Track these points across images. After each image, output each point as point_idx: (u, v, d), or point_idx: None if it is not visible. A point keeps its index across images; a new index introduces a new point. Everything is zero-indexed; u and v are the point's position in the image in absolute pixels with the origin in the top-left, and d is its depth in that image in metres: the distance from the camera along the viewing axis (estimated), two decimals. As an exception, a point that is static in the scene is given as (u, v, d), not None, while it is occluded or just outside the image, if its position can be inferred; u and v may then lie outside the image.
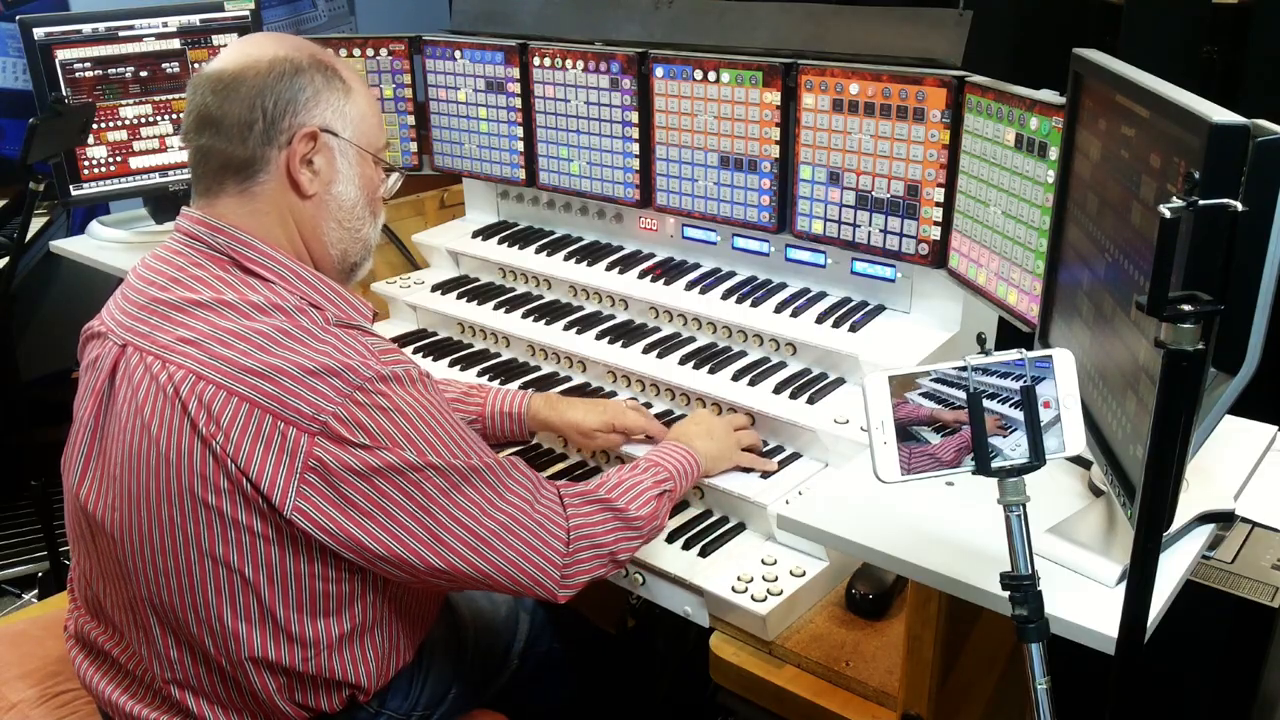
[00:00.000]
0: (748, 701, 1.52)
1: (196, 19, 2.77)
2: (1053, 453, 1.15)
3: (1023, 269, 1.70)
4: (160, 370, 1.30)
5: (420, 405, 1.32)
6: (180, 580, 1.32)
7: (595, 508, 1.46)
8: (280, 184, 1.37)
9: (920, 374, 1.22)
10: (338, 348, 1.29)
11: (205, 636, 1.35)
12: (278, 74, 1.35)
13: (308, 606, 1.35)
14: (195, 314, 1.32)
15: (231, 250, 1.35)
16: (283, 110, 1.35)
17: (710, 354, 2.04)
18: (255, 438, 1.25)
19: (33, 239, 3.00)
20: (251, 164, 1.36)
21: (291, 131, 1.36)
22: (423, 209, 2.92)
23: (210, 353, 1.28)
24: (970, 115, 1.80)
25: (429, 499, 1.31)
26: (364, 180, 1.45)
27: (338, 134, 1.40)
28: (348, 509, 1.28)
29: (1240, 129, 0.99)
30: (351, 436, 1.26)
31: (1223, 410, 1.17)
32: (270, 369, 1.26)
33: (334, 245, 1.44)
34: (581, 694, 1.84)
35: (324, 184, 1.40)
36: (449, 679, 1.61)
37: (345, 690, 1.44)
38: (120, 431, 1.33)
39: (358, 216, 1.46)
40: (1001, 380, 1.21)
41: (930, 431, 1.16)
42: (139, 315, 1.35)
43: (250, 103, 1.34)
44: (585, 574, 1.44)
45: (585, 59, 2.28)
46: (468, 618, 1.70)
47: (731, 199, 2.16)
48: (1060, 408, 1.19)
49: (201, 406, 1.26)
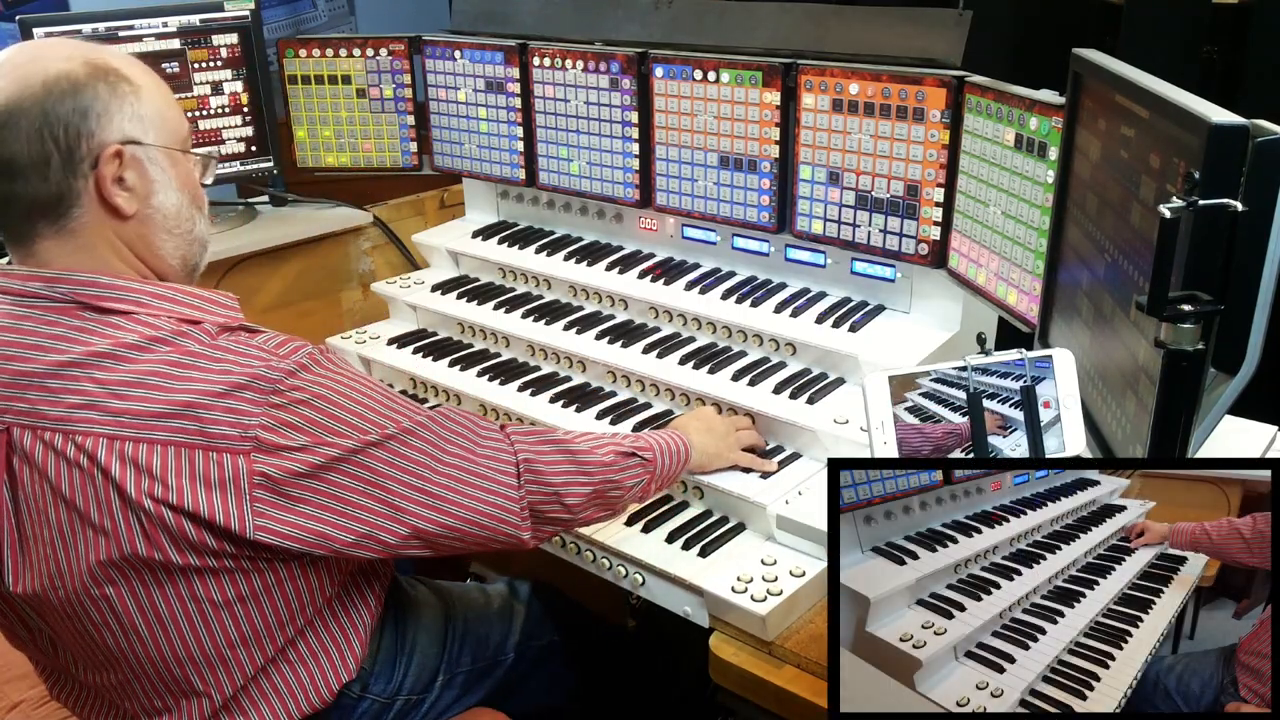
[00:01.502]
0: (748, 701, 1.52)
1: (196, 19, 2.77)
2: (1053, 453, 1.15)
3: (1022, 269, 1.70)
4: (65, 444, 1.21)
5: (335, 385, 1.29)
6: (153, 630, 1.29)
7: (547, 446, 1.45)
8: (96, 213, 1.26)
9: (920, 374, 1.22)
10: (235, 359, 1.24)
11: (192, 675, 1.33)
12: (58, 95, 1.21)
13: (280, 602, 1.33)
14: (75, 375, 1.22)
15: (77, 295, 1.24)
16: (75, 135, 1.21)
17: (710, 354, 2.04)
18: (193, 477, 1.20)
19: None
20: (60, 201, 1.23)
21: (93, 155, 1.23)
22: (423, 209, 2.93)
23: (112, 410, 1.20)
24: (970, 115, 1.80)
25: (377, 474, 1.29)
26: (181, 179, 1.33)
27: (141, 142, 1.27)
28: (305, 509, 1.26)
29: (1240, 129, 0.99)
30: (284, 441, 1.23)
31: (1223, 410, 1.17)
32: (180, 406, 1.20)
33: (172, 256, 1.34)
34: (583, 691, 1.83)
35: (142, 199, 1.28)
36: (434, 663, 1.60)
37: (332, 675, 1.43)
38: (40, 516, 1.24)
39: (186, 219, 1.35)
40: (1001, 380, 1.21)
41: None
42: (9, 395, 1.23)
43: (38, 136, 1.20)
44: (545, 515, 1.43)
45: (585, 59, 2.28)
46: (456, 603, 1.70)
47: (731, 199, 2.16)
48: (1060, 408, 1.19)
49: (126, 465, 1.20)
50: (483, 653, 1.69)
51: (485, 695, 1.69)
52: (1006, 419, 1.28)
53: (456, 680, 1.64)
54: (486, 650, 1.70)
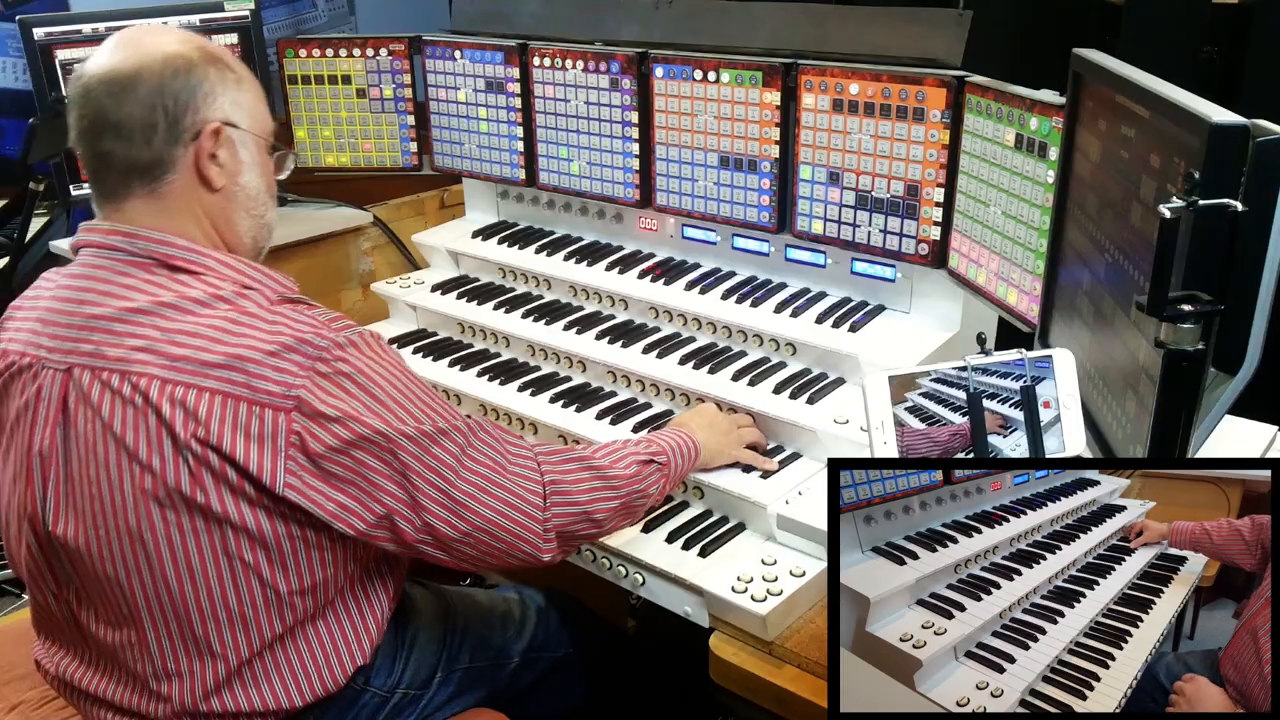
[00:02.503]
0: (748, 701, 1.52)
1: (196, 19, 2.77)
2: (1053, 453, 1.15)
3: (1023, 269, 1.70)
4: (121, 383, 1.29)
5: (380, 368, 1.34)
6: (182, 580, 1.33)
7: (572, 465, 1.48)
8: (189, 181, 1.37)
9: (920, 374, 1.22)
10: (289, 324, 1.31)
11: (212, 634, 1.36)
12: (173, 71, 1.33)
13: (305, 571, 1.37)
14: (141, 322, 1.31)
15: (153, 253, 1.34)
16: (184, 108, 1.34)
17: (710, 354, 2.04)
18: (235, 426, 1.27)
19: (33, 239, 2.99)
20: (158, 165, 1.35)
21: (196, 128, 1.35)
22: (423, 209, 2.93)
23: (170, 355, 1.28)
24: (970, 115, 1.80)
25: (404, 465, 1.33)
26: (263, 167, 1.46)
27: (237, 125, 1.40)
28: (332, 480, 1.30)
29: (1240, 129, 0.99)
30: (323, 409, 1.28)
31: (1223, 410, 1.17)
32: (232, 358, 1.27)
33: (245, 234, 1.45)
34: (591, 702, 1.84)
35: (231, 176, 1.40)
36: (433, 660, 1.62)
37: (347, 657, 1.46)
38: (90, 454, 1.31)
39: (262, 203, 1.47)
40: (1001, 380, 1.21)
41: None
42: (76, 336, 1.33)
43: (150, 103, 1.32)
44: (570, 533, 1.46)
45: (585, 59, 2.28)
46: (456, 603, 1.71)
47: (731, 199, 2.16)
48: (1060, 408, 1.19)
49: (176, 406, 1.27)
50: (483, 654, 1.69)
51: (486, 696, 1.69)
52: (1006, 419, 1.28)
53: (454, 678, 1.65)
54: (487, 652, 1.70)
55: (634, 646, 2.01)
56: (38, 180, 2.60)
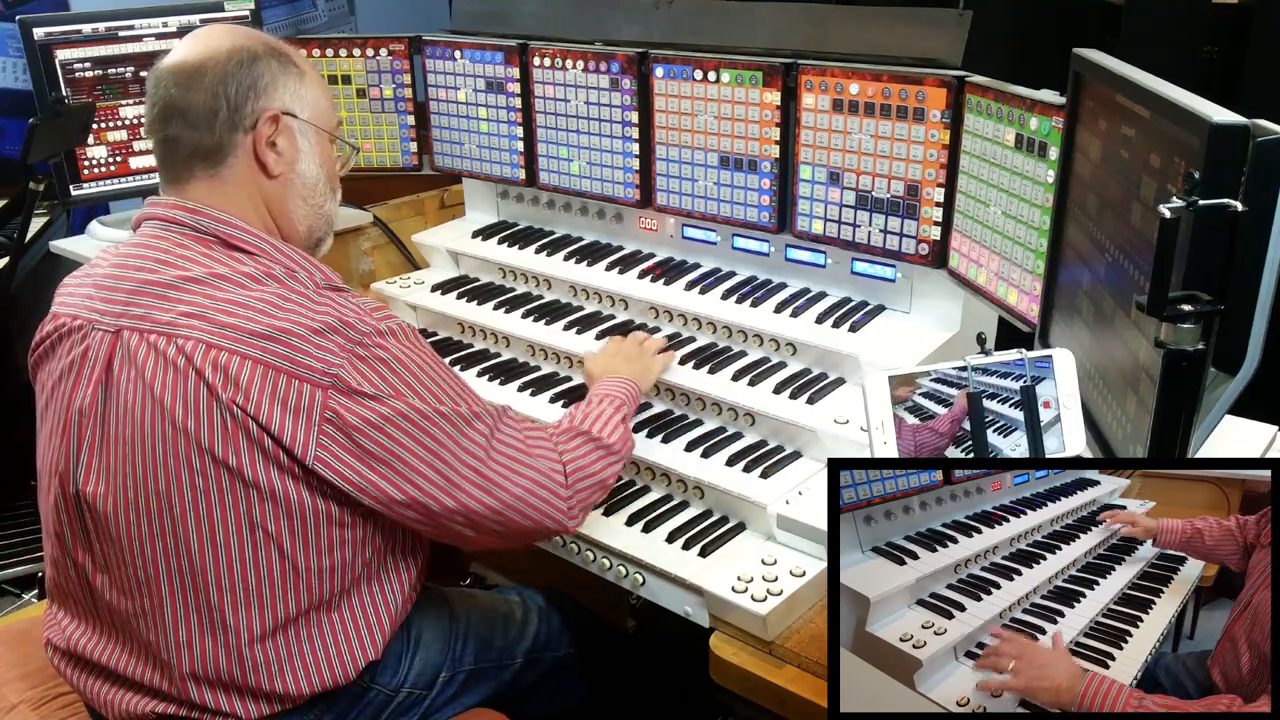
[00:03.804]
0: (748, 701, 1.52)
1: (196, 19, 2.77)
2: (1053, 453, 1.15)
3: (1023, 269, 1.70)
4: (167, 346, 1.34)
5: (415, 356, 1.40)
6: (204, 546, 1.36)
7: (580, 441, 1.57)
8: (248, 166, 1.45)
9: (920, 374, 1.22)
10: (333, 306, 1.37)
11: (226, 605, 1.37)
12: (237, 62, 1.43)
13: (325, 550, 1.40)
14: (193, 290, 1.36)
15: (215, 230, 1.42)
16: (244, 96, 1.42)
17: (710, 354, 2.04)
18: (273, 396, 1.31)
19: (33, 239, 2.99)
20: (220, 149, 1.43)
21: (255, 116, 1.43)
22: (423, 209, 2.92)
23: (217, 323, 1.33)
24: (970, 115, 1.80)
25: (439, 444, 1.38)
26: (323, 158, 1.54)
27: (297, 115, 1.48)
28: (366, 458, 1.35)
29: (1240, 129, 0.99)
30: (360, 387, 1.33)
31: (1223, 410, 1.17)
32: (278, 331, 1.33)
33: (300, 221, 1.52)
34: (592, 703, 1.85)
35: (288, 164, 1.48)
36: (438, 659, 1.63)
37: (354, 655, 1.47)
38: (127, 413, 1.36)
39: (320, 193, 1.54)
40: (1001, 380, 1.21)
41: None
42: (128, 300, 1.38)
43: (214, 91, 1.41)
44: (588, 503, 1.56)
45: (585, 59, 2.28)
46: (459, 604, 1.72)
47: (731, 199, 2.16)
48: (1060, 408, 1.19)
49: (218, 371, 1.32)
50: (486, 654, 1.70)
51: (488, 696, 1.70)
52: (1007, 419, 1.28)
53: (458, 678, 1.65)
54: (490, 652, 1.71)
55: (634, 646, 2.01)
56: (38, 180, 2.60)
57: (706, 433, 1.90)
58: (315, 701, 1.48)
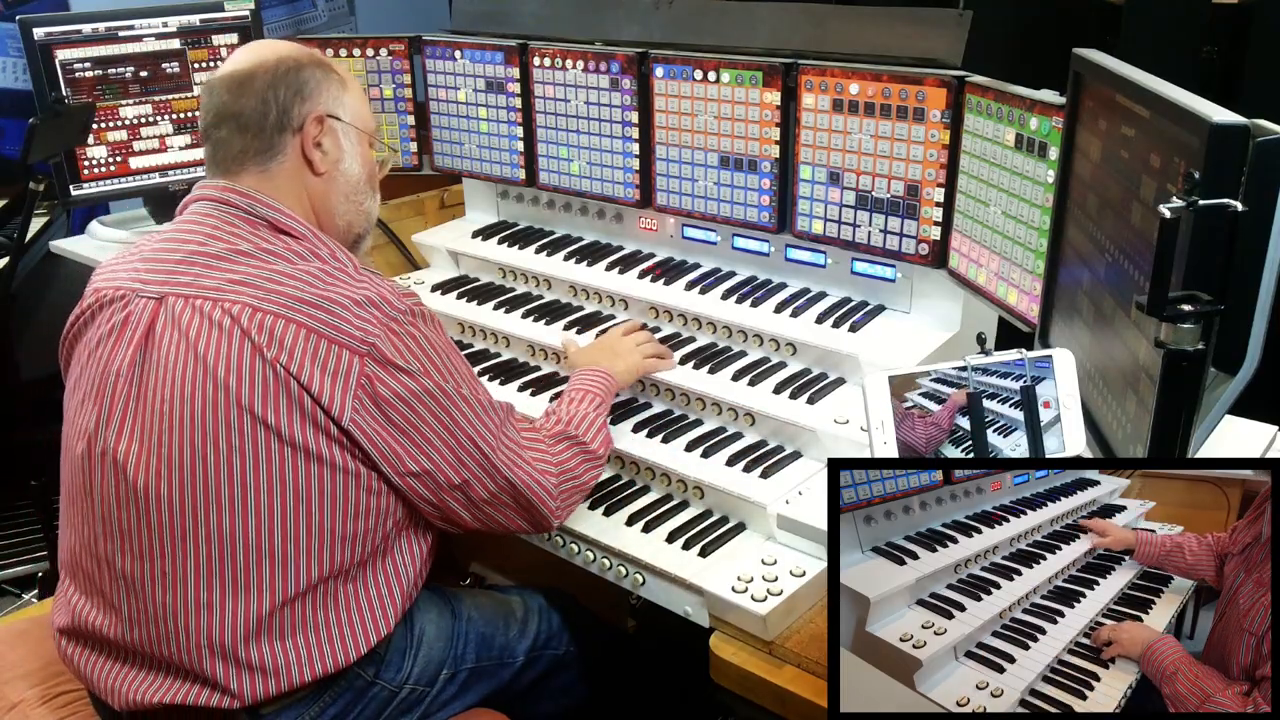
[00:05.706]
0: (748, 701, 1.52)
1: (196, 19, 2.77)
2: (1053, 453, 1.15)
3: (1023, 269, 1.70)
4: (213, 309, 1.41)
5: (441, 341, 1.50)
6: (234, 505, 1.40)
7: (567, 445, 1.65)
8: (296, 163, 1.55)
9: (920, 374, 1.22)
10: (372, 284, 1.47)
11: (251, 565, 1.41)
12: (284, 70, 1.54)
13: (351, 516, 1.45)
14: (241, 260, 1.46)
15: (267, 215, 1.51)
16: (291, 100, 1.54)
17: (710, 354, 2.04)
18: (314, 359, 1.39)
19: (33, 239, 2.99)
20: (270, 148, 1.54)
21: (302, 118, 1.54)
22: (423, 209, 2.92)
23: (264, 289, 1.42)
24: (970, 115, 1.80)
25: (454, 423, 1.48)
26: (364, 159, 1.64)
27: (340, 118, 1.59)
28: (389, 426, 1.43)
29: (1240, 129, 0.99)
30: (394, 359, 1.42)
31: (1223, 410, 1.17)
32: (322, 299, 1.42)
33: (341, 216, 1.62)
34: (591, 701, 1.85)
35: (333, 162, 1.58)
36: (440, 657, 1.63)
37: (372, 627, 1.50)
38: (167, 372, 1.41)
39: (361, 191, 1.64)
40: (1001, 380, 1.21)
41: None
42: (175, 269, 1.46)
43: (263, 96, 1.52)
44: (572, 505, 1.65)
45: (585, 59, 2.28)
46: (461, 603, 1.72)
47: (731, 199, 2.16)
48: (1060, 408, 1.19)
49: (263, 331, 1.39)
50: (487, 652, 1.70)
51: (489, 695, 1.70)
52: (1007, 419, 1.28)
53: (460, 676, 1.66)
54: (491, 650, 1.71)
55: (634, 646, 2.01)
56: (38, 180, 2.60)
57: (706, 433, 1.90)
58: (320, 694, 1.48)
